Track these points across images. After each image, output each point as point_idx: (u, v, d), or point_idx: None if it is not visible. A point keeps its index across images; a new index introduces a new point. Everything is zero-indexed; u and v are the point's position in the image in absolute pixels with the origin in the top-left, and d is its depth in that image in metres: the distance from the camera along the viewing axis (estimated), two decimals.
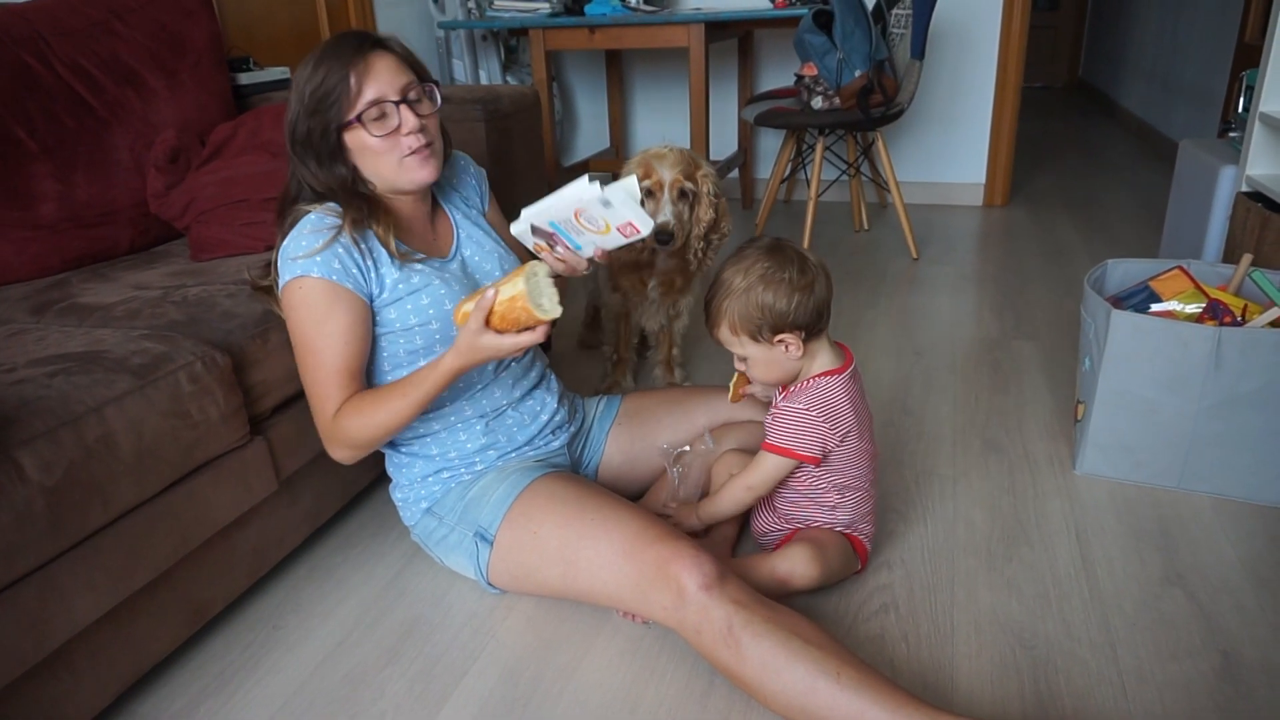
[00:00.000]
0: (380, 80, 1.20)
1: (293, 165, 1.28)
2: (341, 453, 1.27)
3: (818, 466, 1.30)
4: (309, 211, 1.24)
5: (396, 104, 1.22)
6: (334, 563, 1.51)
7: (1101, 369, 1.56)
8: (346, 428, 1.22)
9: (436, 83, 1.30)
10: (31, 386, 1.07)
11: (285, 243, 1.24)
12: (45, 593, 1.01)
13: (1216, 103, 3.81)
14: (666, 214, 1.72)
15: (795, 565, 1.28)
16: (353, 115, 1.20)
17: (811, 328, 1.26)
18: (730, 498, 1.36)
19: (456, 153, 1.50)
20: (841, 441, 1.29)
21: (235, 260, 1.62)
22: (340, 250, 1.21)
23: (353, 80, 1.19)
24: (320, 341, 1.22)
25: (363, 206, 1.25)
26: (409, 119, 1.22)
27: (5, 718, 1.00)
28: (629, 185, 1.13)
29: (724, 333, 1.29)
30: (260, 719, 1.18)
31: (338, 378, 1.22)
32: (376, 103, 1.20)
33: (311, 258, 1.20)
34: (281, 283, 1.23)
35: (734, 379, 1.47)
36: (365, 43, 1.22)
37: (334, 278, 1.21)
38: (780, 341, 1.25)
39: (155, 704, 1.22)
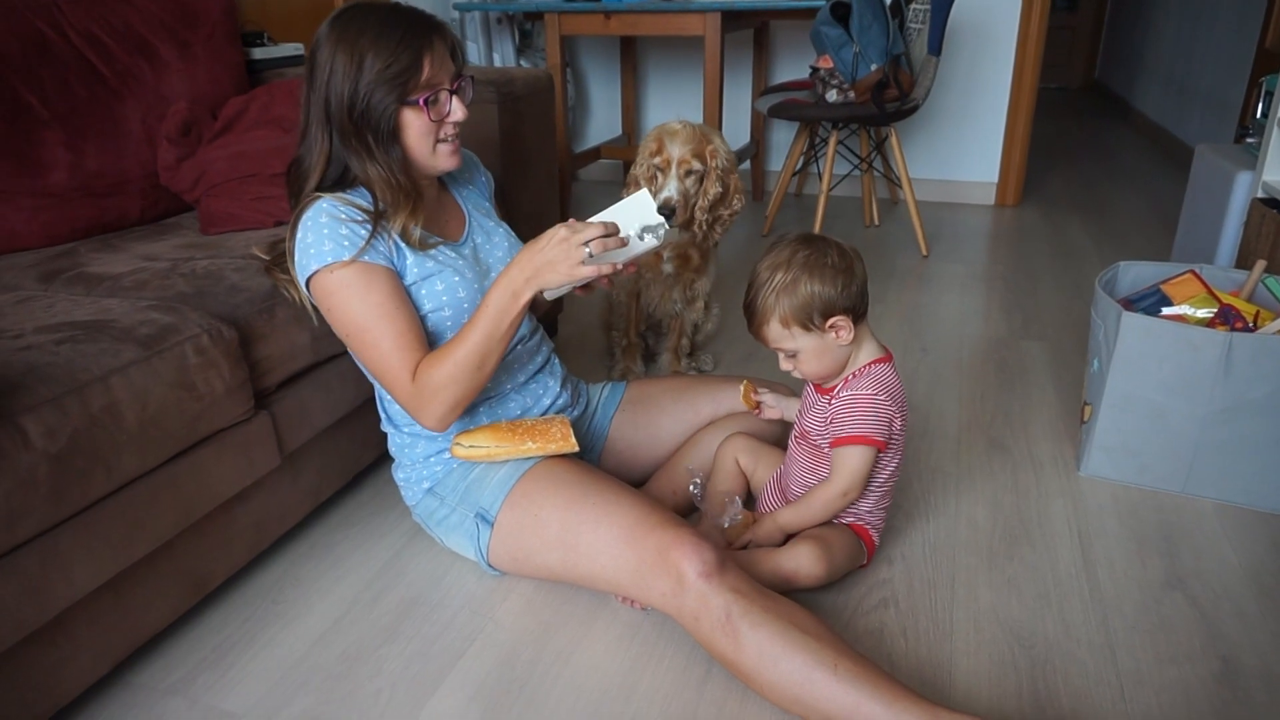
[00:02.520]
0: (443, 65, 1.22)
1: (321, 144, 1.22)
2: (432, 413, 1.21)
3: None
4: (319, 198, 1.21)
5: (450, 92, 1.23)
6: (334, 540, 1.51)
7: (1110, 371, 1.55)
8: (429, 381, 1.18)
9: (472, 76, 1.31)
10: (38, 353, 1.07)
11: (303, 235, 1.20)
12: (47, 559, 1.01)
13: (1234, 109, 3.78)
14: (670, 190, 1.75)
15: (801, 563, 1.27)
16: (418, 96, 1.19)
17: (857, 310, 1.26)
18: (823, 509, 1.31)
19: (465, 150, 1.51)
20: (899, 429, 1.30)
21: (244, 234, 1.62)
22: (363, 231, 1.20)
23: (425, 65, 1.19)
24: (370, 315, 1.19)
25: (400, 199, 1.23)
26: (458, 109, 1.25)
27: (4, 684, 1.01)
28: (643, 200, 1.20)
29: (773, 328, 1.26)
30: (257, 692, 1.18)
31: (400, 342, 1.20)
32: (436, 88, 1.21)
33: (339, 243, 1.18)
34: (306, 275, 1.20)
35: (743, 386, 1.46)
36: (431, 24, 1.22)
37: (364, 257, 1.19)
38: (831, 327, 1.25)
39: (152, 674, 1.22)
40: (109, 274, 1.42)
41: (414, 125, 1.22)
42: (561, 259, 1.13)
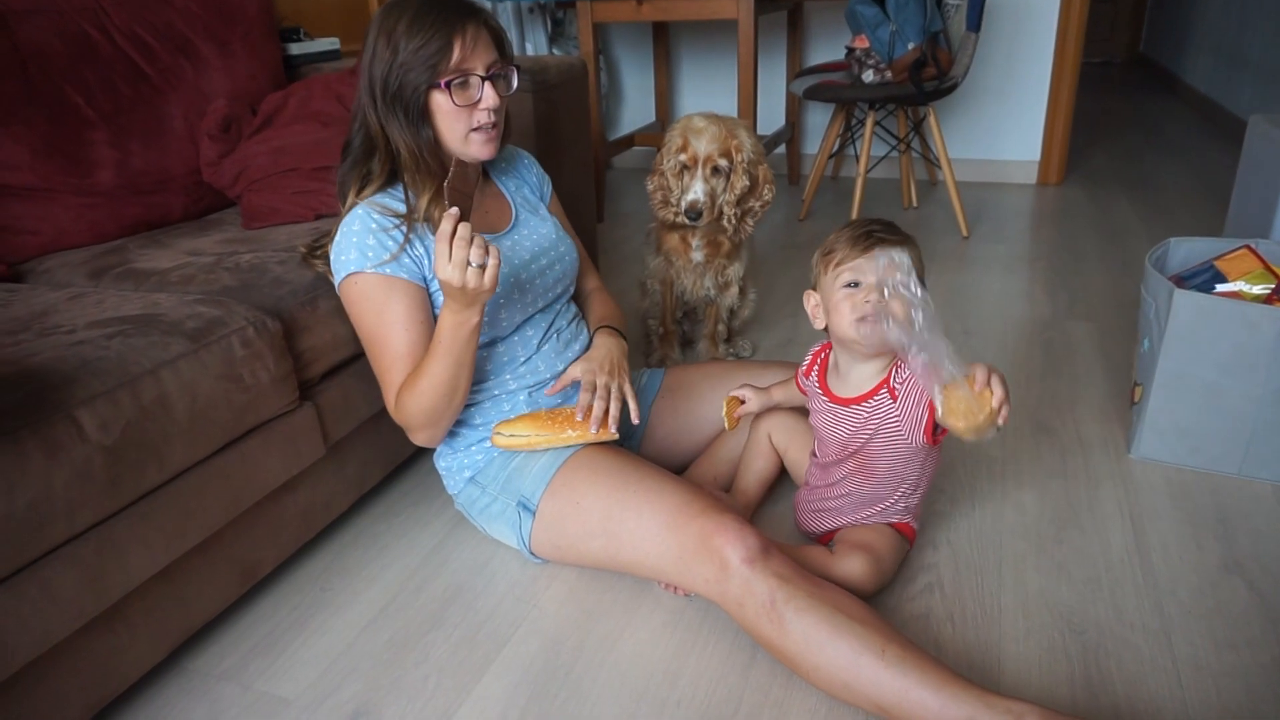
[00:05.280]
0: (477, 52, 1.23)
1: (365, 123, 1.27)
2: (417, 434, 1.30)
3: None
4: (358, 205, 1.26)
5: (482, 79, 1.24)
6: (379, 529, 1.53)
7: (1162, 350, 1.51)
8: (404, 405, 1.25)
9: (517, 66, 1.32)
10: (91, 347, 1.09)
11: (338, 240, 1.26)
12: (103, 549, 1.04)
13: None
14: (697, 192, 1.74)
15: (852, 573, 1.23)
16: (443, 79, 1.22)
17: None
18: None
19: (521, 150, 1.56)
20: None
21: (286, 228, 1.64)
22: (390, 243, 1.23)
23: (456, 47, 1.21)
24: (382, 330, 1.25)
25: (423, 179, 1.26)
26: (489, 96, 1.25)
27: (66, 669, 1.04)
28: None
29: (909, 255, 1.19)
30: (308, 678, 1.21)
31: (403, 363, 1.25)
32: (466, 73, 1.22)
33: (364, 254, 1.23)
34: (336, 281, 1.27)
35: (726, 405, 1.40)
36: (470, 11, 1.24)
37: (386, 270, 1.23)
38: None
39: (206, 661, 1.25)
40: (156, 269, 1.44)
41: (443, 108, 1.24)
42: (464, 290, 1.12)
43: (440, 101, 1.24)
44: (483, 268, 1.10)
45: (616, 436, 1.32)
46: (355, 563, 1.45)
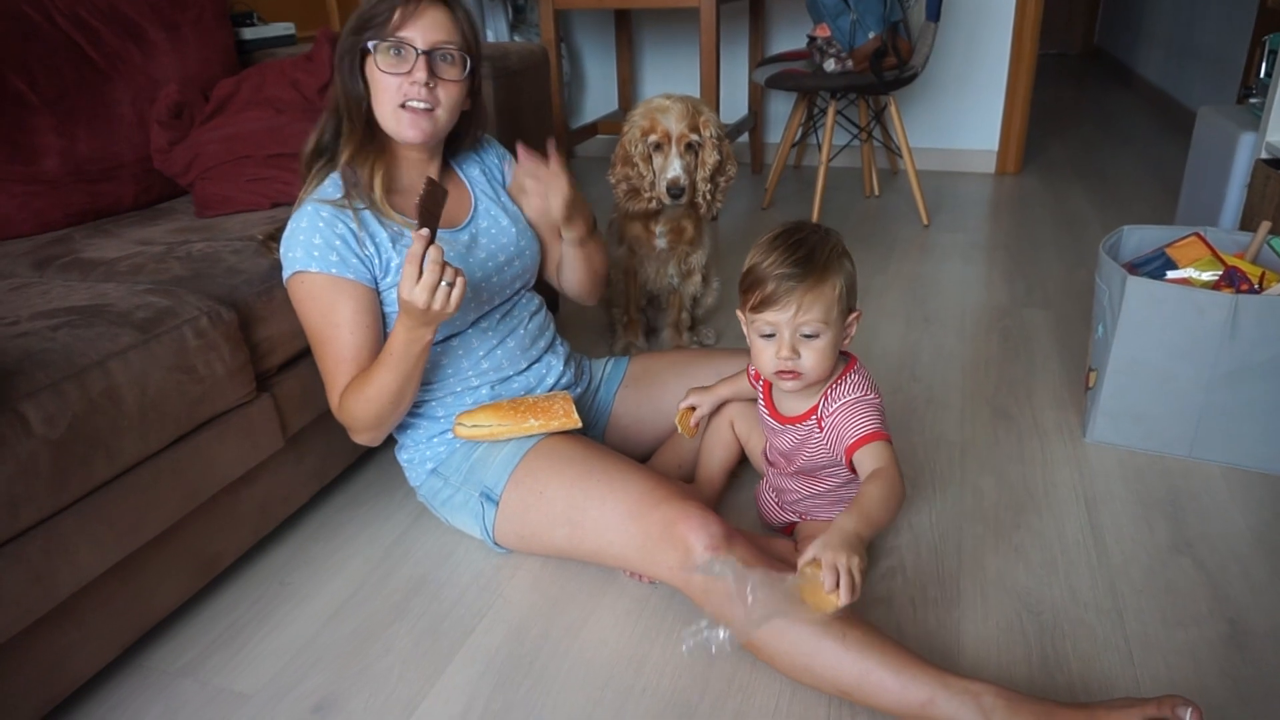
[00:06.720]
0: (418, 26, 1.22)
1: (331, 91, 1.30)
2: (359, 436, 1.30)
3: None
4: (306, 203, 1.25)
5: (419, 52, 1.22)
6: (341, 521, 1.51)
7: (1115, 336, 1.54)
8: (348, 408, 1.24)
9: (477, 58, 1.30)
10: (35, 339, 1.06)
11: (285, 236, 1.25)
12: (51, 545, 1.01)
13: (1236, 70, 3.73)
14: (676, 169, 1.73)
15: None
16: (372, 42, 1.21)
17: None
18: (889, 507, 1.08)
19: (486, 135, 1.53)
20: None
21: (240, 217, 1.61)
22: (338, 242, 1.22)
23: (396, 15, 1.21)
24: (328, 332, 1.23)
25: (366, 136, 1.27)
26: (420, 70, 1.22)
27: (13, 669, 1.01)
28: None
29: (825, 294, 1.11)
30: (269, 671, 1.19)
31: (347, 366, 1.24)
32: (400, 41, 1.21)
33: (310, 253, 1.21)
34: (284, 276, 1.26)
35: (679, 414, 1.41)
36: None
37: (333, 271, 1.21)
38: (853, 319, 1.18)
39: (163, 656, 1.22)
40: (104, 259, 1.40)
41: (375, 77, 1.25)
42: (426, 311, 1.09)
43: (372, 68, 1.24)
44: (450, 286, 1.09)
45: (579, 424, 1.31)
46: (317, 555, 1.43)
